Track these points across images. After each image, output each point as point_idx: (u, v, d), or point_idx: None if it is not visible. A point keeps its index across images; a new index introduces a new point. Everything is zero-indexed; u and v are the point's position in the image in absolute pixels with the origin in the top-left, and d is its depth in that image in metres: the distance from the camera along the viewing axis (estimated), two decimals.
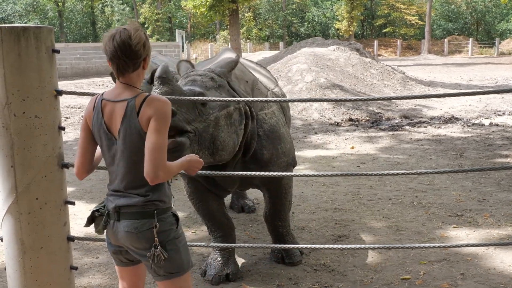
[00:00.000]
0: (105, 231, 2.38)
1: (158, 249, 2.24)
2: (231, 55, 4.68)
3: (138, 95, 2.23)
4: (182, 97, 2.97)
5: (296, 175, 3.39)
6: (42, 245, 2.56)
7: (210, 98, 3.09)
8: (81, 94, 3.00)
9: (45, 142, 2.52)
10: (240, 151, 3.53)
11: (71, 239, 2.70)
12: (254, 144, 3.60)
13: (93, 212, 2.40)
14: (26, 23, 45.77)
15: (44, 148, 2.52)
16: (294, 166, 4.04)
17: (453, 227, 4.76)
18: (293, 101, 3.20)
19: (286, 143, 3.81)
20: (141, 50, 2.22)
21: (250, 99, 3.17)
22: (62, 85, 17.67)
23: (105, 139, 2.31)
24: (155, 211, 2.28)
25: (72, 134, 10.28)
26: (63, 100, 14.11)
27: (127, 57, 2.19)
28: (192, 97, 3.01)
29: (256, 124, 3.63)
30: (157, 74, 3.00)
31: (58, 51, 2.58)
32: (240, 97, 3.48)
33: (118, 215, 2.30)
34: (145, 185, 2.24)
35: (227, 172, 3.24)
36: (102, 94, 2.34)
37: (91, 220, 2.40)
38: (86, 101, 14.64)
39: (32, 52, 2.46)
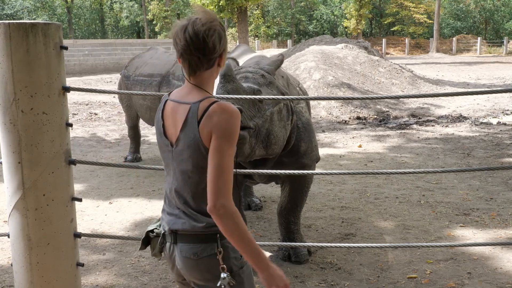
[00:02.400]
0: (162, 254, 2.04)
1: (227, 277, 1.86)
2: (251, 52, 4.70)
3: (204, 100, 1.88)
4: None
5: (303, 173, 3.39)
6: (49, 242, 2.57)
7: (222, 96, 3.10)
8: (89, 90, 3.01)
9: (53, 139, 2.53)
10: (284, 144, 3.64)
11: (77, 235, 2.71)
12: (293, 137, 3.73)
13: (147, 232, 2.07)
14: (34, 19, 45.96)
15: (51, 144, 2.52)
16: (317, 162, 4.07)
17: (460, 226, 4.73)
18: (299, 99, 3.19)
19: (316, 137, 3.98)
20: (217, 45, 1.88)
21: (262, 96, 3.17)
22: (70, 81, 17.74)
23: (162, 144, 2.04)
24: (218, 235, 1.89)
25: (79, 130, 10.32)
26: (71, 96, 14.17)
27: (201, 53, 1.86)
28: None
29: (296, 118, 3.76)
30: (221, 72, 3.06)
31: (66, 48, 2.58)
32: (283, 93, 3.59)
33: (175, 237, 1.95)
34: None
35: (246, 170, 3.24)
36: (170, 92, 2.09)
37: (146, 242, 2.07)
38: (93, 97, 14.70)
39: (40, 48, 2.46)
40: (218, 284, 1.86)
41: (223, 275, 1.86)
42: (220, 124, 1.81)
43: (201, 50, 1.85)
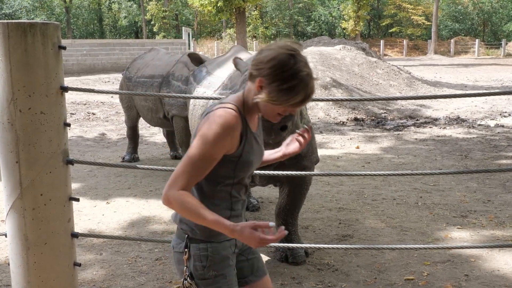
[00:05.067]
0: None
1: (187, 281, 1.99)
2: (245, 52, 4.70)
3: (222, 103, 1.94)
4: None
5: (301, 174, 3.39)
6: (46, 241, 2.56)
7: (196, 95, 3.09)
8: (87, 90, 3.00)
9: (50, 138, 2.53)
10: None
11: (75, 235, 2.71)
12: None
13: None
14: (33, 19, 45.91)
15: (49, 144, 2.52)
16: (316, 163, 4.07)
17: (458, 228, 4.74)
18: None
19: (315, 139, 3.94)
20: (261, 64, 1.85)
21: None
22: (68, 81, 17.71)
23: None
24: (187, 236, 2.00)
25: (77, 130, 10.31)
26: (69, 96, 14.15)
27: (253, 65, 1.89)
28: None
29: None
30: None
31: (64, 48, 2.58)
32: None
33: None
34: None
35: None
36: None
37: None
38: (91, 97, 14.69)
39: (38, 48, 2.46)
40: (181, 282, 2.01)
41: (184, 277, 2.00)
42: (203, 126, 1.87)
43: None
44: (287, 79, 1.79)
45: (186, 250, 1.98)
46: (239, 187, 2.04)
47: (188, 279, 1.98)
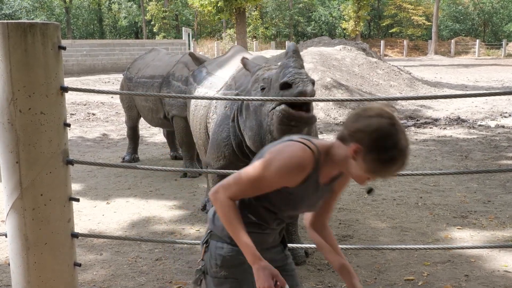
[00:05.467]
0: None
1: (197, 271, 2.08)
2: (245, 53, 4.69)
3: (302, 138, 1.96)
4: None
5: None
6: (46, 241, 2.56)
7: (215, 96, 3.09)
8: (87, 91, 3.01)
9: (50, 139, 2.53)
10: None
11: (75, 235, 2.71)
12: None
13: None
14: (33, 19, 45.91)
15: (49, 144, 2.52)
16: None
17: (458, 228, 4.74)
18: (296, 99, 3.19)
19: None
20: (359, 132, 1.82)
21: (255, 98, 3.16)
22: (68, 81, 17.71)
23: None
24: (209, 231, 2.09)
25: (77, 130, 10.31)
26: (69, 96, 14.15)
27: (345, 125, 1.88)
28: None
29: None
30: (292, 48, 3.07)
31: (64, 48, 2.58)
32: None
33: None
34: None
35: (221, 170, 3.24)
36: None
37: None
38: (91, 98, 14.69)
39: (38, 48, 2.46)
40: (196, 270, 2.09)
41: (198, 267, 2.07)
42: (283, 150, 1.88)
43: (345, 123, 1.87)
44: (388, 150, 1.78)
45: (205, 244, 2.05)
46: (274, 215, 2.04)
47: (199, 272, 2.05)
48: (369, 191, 1.98)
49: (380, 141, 1.77)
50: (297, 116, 3.00)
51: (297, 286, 2.21)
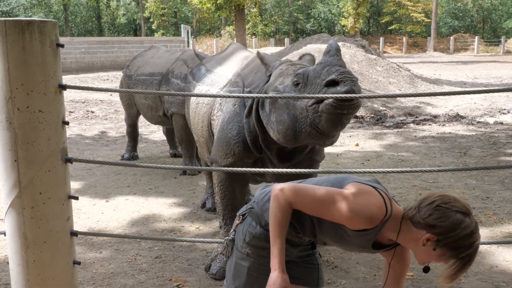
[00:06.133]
0: None
1: (226, 241, 2.20)
2: (244, 50, 4.67)
3: (390, 198, 1.99)
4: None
5: (301, 172, 3.38)
6: (45, 240, 2.56)
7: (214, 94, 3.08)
8: (85, 88, 3.00)
9: (49, 137, 2.52)
10: None
11: (74, 234, 2.71)
12: None
13: None
14: (30, 16, 45.82)
15: (47, 142, 2.52)
16: (323, 159, 4.08)
17: None
18: (293, 97, 3.19)
19: None
20: (433, 225, 1.83)
21: (253, 95, 3.15)
22: (67, 79, 17.69)
23: None
24: (250, 207, 2.18)
25: (76, 128, 10.30)
26: (68, 94, 14.15)
27: (419, 212, 1.88)
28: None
29: None
30: (335, 46, 3.09)
31: (62, 45, 2.57)
32: None
33: None
34: None
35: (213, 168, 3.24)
36: None
37: None
38: (90, 95, 14.67)
39: (36, 46, 2.45)
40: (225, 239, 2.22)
41: (229, 235, 2.18)
42: (361, 189, 1.91)
43: (420, 207, 1.88)
44: (466, 249, 1.82)
45: (241, 216, 2.14)
46: (314, 233, 2.06)
47: (228, 241, 2.15)
48: (426, 270, 2.00)
49: (461, 240, 1.81)
50: (346, 106, 3.01)
51: (320, 280, 2.28)
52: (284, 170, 3.21)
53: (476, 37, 43.05)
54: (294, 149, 3.59)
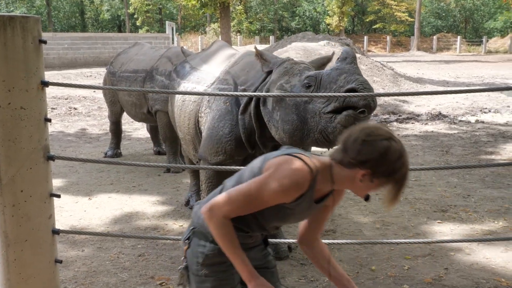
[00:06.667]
0: None
1: (181, 271, 2.09)
2: (228, 48, 4.66)
3: (300, 154, 1.96)
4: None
5: None
6: (27, 238, 2.54)
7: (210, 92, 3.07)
8: (68, 85, 2.97)
9: (31, 134, 2.50)
10: None
11: (56, 232, 2.69)
12: None
13: None
14: (12, 11, 45.21)
15: (29, 140, 2.49)
16: None
17: (438, 222, 4.80)
18: (276, 96, 3.19)
19: None
20: (363, 156, 1.84)
21: (240, 93, 3.16)
22: (49, 75, 17.49)
23: None
24: (192, 228, 2.07)
25: (58, 125, 10.20)
26: (50, 90, 13.97)
27: (345, 149, 1.89)
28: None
29: None
30: (351, 54, 3.17)
31: (45, 42, 2.55)
32: None
33: None
34: None
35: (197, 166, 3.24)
36: None
37: None
38: (73, 92, 14.53)
39: (18, 42, 2.43)
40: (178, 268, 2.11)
41: (181, 266, 2.07)
42: (275, 169, 1.88)
43: (346, 148, 1.88)
44: (399, 171, 1.87)
45: (187, 241, 2.03)
46: (261, 225, 2.04)
47: (182, 269, 2.04)
48: (367, 198, 2.03)
49: (393, 164, 1.84)
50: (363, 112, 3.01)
51: (277, 283, 2.23)
52: None
53: (459, 37, 43.53)
54: None
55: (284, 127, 3.31)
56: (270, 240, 3.45)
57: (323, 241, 2.30)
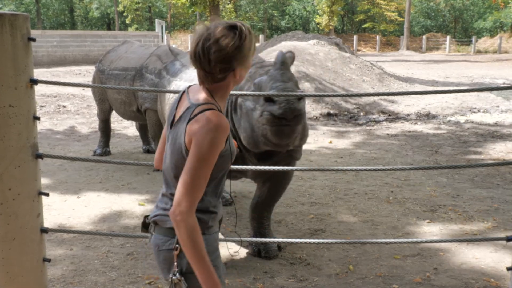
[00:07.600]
0: None
1: (176, 277, 1.94)
2: None
3: (203, 104, 1.90)
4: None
5: (274, 170, 3.40)
6: (15, 237, 2.51)
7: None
8: (57, 83, 2.95)
9: (19, 132, 2.48)
10: None
11: (44, 230, 2.67)
12: None
13: (144, 217, 2.13)
14: (1, 9, 44.80)
15: (18, 138, 2.47)
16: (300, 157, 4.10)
17: (427, 222, 4.83)
18: (268, 94, 3.20)
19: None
20: (220, 64, 1.86)
21: (236, 92, 3.16)
22: (38, 73, 17.37)
23: (168, 127, 2.05)
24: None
25: (47, 123, 10.12)
26: (39, 88, 13.87)
27: (204, 69, 1.89)
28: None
29: None
30: (280, 59, 3.18)
31: (34, 39, 2.53)
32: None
33: (153, 225, 2.04)
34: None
35: None
36: (192, 85, 2.09)
37: (145, 226, 2.11)
38: (62, 90, 14.43)
39: (7, 39, 2.40)
40: (167, 278, 1.99)
41: (173, 273, 1.95)
42: (199, 134, 1.84)
43: (204, 67, 1.88)
44: (246, 44, 1.91)
45: (177, 245, 1.93)
46: (215, 190, 2.01)
47: (177, 275, 1.94)
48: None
49: (243, 46, 1.89)
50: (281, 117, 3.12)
51: (220, 278, 2.18)
52: (263, 167, 3.23)
53: (448, 37, 43.83)
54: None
55: (243, 134, 3.46)
56: (259, 239, 3.46)
57: (312, 240, 2.29)
